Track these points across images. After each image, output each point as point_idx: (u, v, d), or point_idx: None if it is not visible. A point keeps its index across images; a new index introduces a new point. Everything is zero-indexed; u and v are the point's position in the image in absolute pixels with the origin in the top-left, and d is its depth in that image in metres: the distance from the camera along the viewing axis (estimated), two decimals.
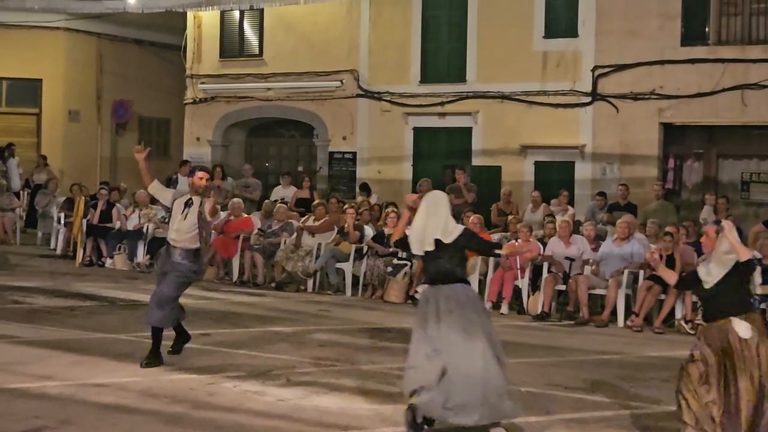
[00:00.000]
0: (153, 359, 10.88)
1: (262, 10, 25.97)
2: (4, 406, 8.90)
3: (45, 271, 19.49)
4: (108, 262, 20.62)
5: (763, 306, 14.82)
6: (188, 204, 11.04)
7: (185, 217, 11.02)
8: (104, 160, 30.38)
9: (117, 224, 20.85)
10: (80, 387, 9.76)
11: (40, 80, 29.39)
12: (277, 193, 23.01)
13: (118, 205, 21.34)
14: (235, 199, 20.34)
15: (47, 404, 9.08)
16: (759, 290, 14.88)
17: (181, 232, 11.00)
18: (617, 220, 17.19)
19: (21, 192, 25.33)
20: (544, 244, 17.06)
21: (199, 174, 11.16)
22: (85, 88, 29.95)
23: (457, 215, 19.31)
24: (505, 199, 20.94)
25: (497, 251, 9.45)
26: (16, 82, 29.41)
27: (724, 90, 21.34)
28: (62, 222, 22.22)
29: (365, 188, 23.12)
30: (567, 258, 16.52)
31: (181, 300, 11.07)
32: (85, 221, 20.85)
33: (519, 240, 17.03)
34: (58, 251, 21.99)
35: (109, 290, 17.09)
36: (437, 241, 8.57)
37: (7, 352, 11.42)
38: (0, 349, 11.64)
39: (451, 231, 8.60)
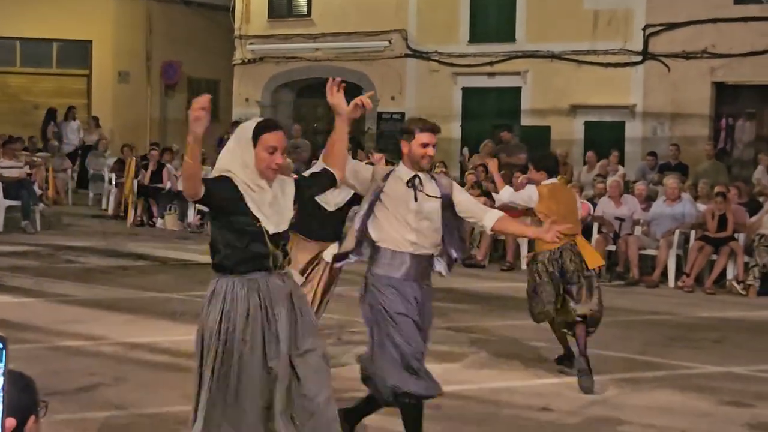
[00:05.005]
0: None
1: None
2: (61, 364, 9.02)
3: (97, 231, 19.69)
4: (159, 222, 20.80)
5: None
6: (413, 184, 6.55)
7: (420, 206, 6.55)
8: (153, 121, 30.55)
9: (168, 185, 20.99)
10: (134, 345, 9.87)
11: (90, 42, 29.57)
12: None
13: (168, 165, 21.47)
14: (285, 160, 20.38)
15: (102, 362, 9.19)
16: None
17: (423, 233, 6.55)
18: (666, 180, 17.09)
19: (77, 153, 25.56)
20: (594, 204, 16.97)
21: (424, 138, 6.51)
22: (135, 50, 30.09)
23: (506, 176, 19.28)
24: (561, 160, 20.78)
25: None
26: (67, 43, 29.59)
27: None
28: (113, 183, 22.40)
29: None
30: (617, 218, 16.42)
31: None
32: (136, 182, 21.02)
33: None
34: (110, 211, 22.20)
35: (160, 250, 17.25)
36: None
37: (61, 311, 11.58)
38: (55, 308, 11.82)
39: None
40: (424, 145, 6.47)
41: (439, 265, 6.73)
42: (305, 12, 26.56)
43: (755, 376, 9.63)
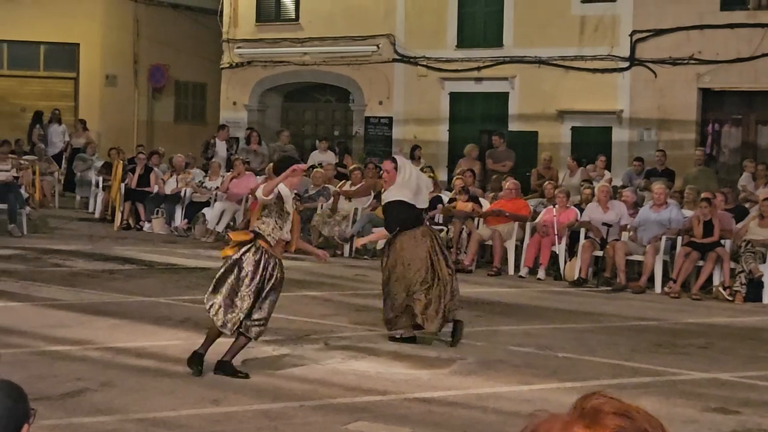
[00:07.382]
0: None
1: None
2: (46, 369, 9.00)
3: (84, 234, 19.64)
4: (146, 226, 20.75)
5: None
6: None
7: None
8: (141, 125, 30.51)
9: (155, 188, 20.96)
10: (120, 350, 9.85)
11: (78, 45, 29.53)
12: (314, 158, 23.02)
13: (156, 169, 21.45)
14: (272, 164, 20.38)
15: (88, 367, 9.18)
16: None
17: None
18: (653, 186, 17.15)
19: (61, 156, 25.51)
20: (581, 210, 17.00)
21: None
22: (122, 53, 30.06)
23: (496, 181, 19.43)
24: (545, 164, 20.87)
25: None
26: (54, 46, 29.56)
27: (763, 55, 21.06)
28: (100, 186, 22.37)
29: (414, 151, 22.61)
30: (604, 224, 16.44)
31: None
32: (123, 185, 20.98)
33: (557, 206, 17.00)
34: (97, 215, 22.16)
35: (147, 254, 17.21)
36: None
37: (48, 315, 11.54)
38: (41, 312, 11.78)
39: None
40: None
41: None
42: (293, 16, 26.54)
43: (741, 382, 9.65)
